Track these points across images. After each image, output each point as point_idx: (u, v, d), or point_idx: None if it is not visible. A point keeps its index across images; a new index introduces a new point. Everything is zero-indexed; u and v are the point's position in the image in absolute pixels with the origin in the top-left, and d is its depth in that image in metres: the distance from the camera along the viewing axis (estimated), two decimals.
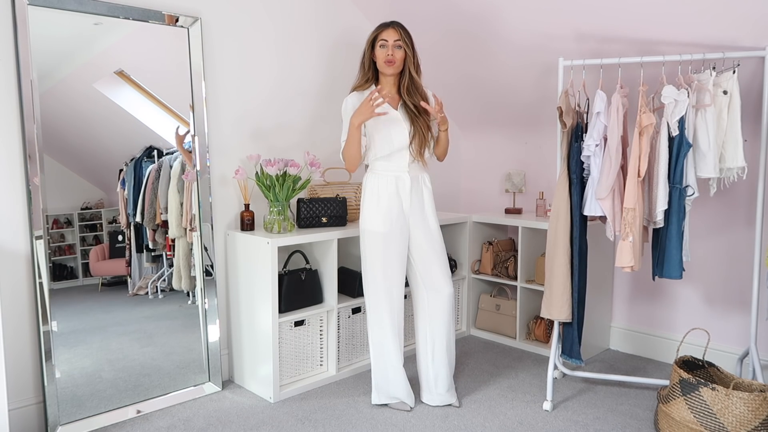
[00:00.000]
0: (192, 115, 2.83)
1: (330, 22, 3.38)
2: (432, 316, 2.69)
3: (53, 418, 2.45)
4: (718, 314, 3.10)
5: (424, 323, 2.71)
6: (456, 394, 2.78)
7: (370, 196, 2.64)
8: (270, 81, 3.15)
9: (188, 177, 2.82)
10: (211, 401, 2.81)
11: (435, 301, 2.68)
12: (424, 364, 2.73)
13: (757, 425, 2.22)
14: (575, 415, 2.66)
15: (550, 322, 3.41)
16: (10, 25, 2.33)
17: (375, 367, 2.72)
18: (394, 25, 2.60)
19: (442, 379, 2.71)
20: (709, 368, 2.52)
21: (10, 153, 2.37)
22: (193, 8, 2.82)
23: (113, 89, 2.67)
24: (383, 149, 2.62)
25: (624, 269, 2.53)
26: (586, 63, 2.72)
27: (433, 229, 2.68)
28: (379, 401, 2.73)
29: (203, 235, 2.88)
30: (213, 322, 2.93)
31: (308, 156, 2.92)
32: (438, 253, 2.68)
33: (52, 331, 2.45)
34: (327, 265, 3.01)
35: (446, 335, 2.69)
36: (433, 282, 2.67)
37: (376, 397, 2.74)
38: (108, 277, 2.75)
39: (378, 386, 2.72)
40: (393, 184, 2.62)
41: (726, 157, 2.51)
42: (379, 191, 2.62)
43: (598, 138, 2.59)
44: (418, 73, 2.65)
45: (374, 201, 2.62)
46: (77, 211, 2.65)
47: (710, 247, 3.08)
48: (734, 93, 2.47)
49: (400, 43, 2.57)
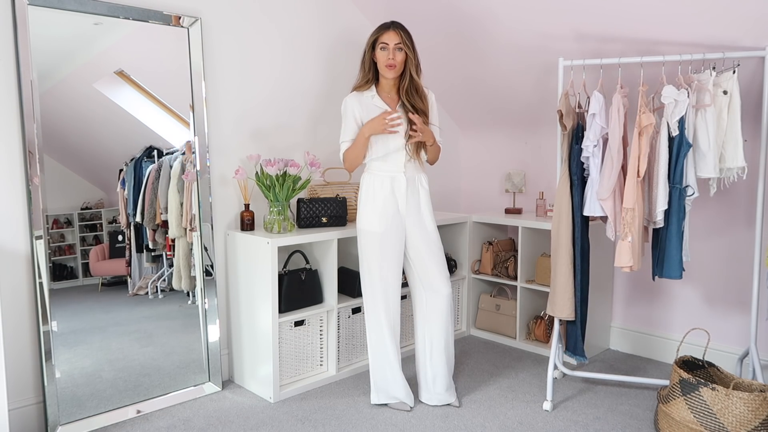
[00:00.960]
0: (192, 115, 2.83)
1: (330, 21, 3.38)
2: (430, 316, 2.69)
3: (53, 418, 2.45)
4: (718, 314, 3.10)
5: (422, 323, 2.71)
6: (456, 393, 2.78)
7: (366, 196, 2.65)
8: (270, 81, 3.15)
9: (188, 177, 2.82)
10: (211, 401, 2.81)
11: (433, 301, 2.68)
12: (422, 364, 2.74)
13: (757, 425, 2.22)
14: (575, 415, 2.66)
15: (550, 322, 3.41)
16: (10, 25, 2.33)
17: (373, 367, 2.73)
18: (394, 28, 2.58)
19: (440, 379, 2.72)
20: (709, 368, 2.52)
21: (10, 153, 2.37)
22: (193, 8, 2.82)
23: (113, 89, 2.67)
24: (379, 150, 2.62)
25: (623, 269, 2.53)
26: (586, 63, 2.72)
27: (430, 229, 2.68)
28: (379, 401, 2.73)
29: (203, 235, 2.88)
30: (213, 322, 2.93)
31: (308, 156, 2.93)
32: (435, 254, 2.68)
33: (52, 331, 2.45)
34: (327, 265, 3.01)
35: (444, 335, 2.69)
36: (431, 282, 2.67)
37: (375, 396, 2.74)
38: (108, 277, 2.75)
39: (377, 386, 2.73)
40: (388, 185, 2.62)
41: (726, 157, 2.51)
42: (375, 191, 2.63)
43: (595, 139, 2.59)
44: (418, 74, 2.65)
45: (370, 201, 2.63)
46: (77, 211, 2.65)
47: (710, 247, 3.08)
48: (734, 93, 2.47)
49: (401, 46, 2.56)
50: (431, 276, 2.67)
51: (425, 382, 2.74)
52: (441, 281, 2.67)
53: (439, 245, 2.70)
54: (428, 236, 2.67)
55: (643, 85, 2.52)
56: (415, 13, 3.26)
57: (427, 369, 2.73)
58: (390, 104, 2.64)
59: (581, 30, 2.93)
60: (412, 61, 2.60)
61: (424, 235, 2.66)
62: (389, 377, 2.70)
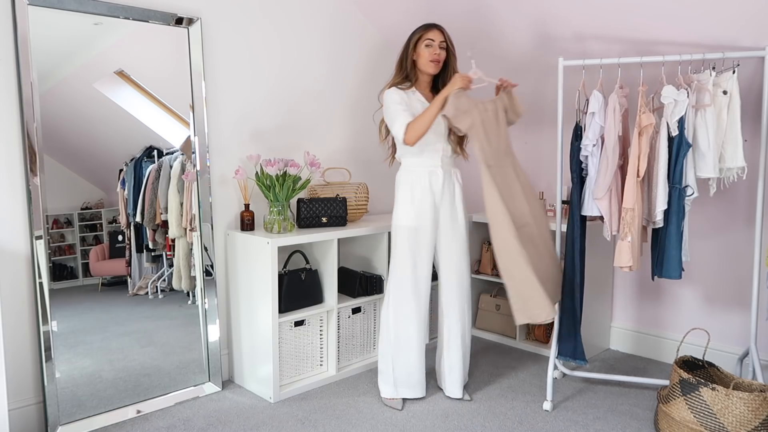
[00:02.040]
0: (192, 115, 2.83)
1: (330, 21, 3.38)
2: (449, 307, 2.76)
3: (53, 418, 2.45)
4: (718, 314, 3.10)
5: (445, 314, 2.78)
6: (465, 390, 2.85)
7: (404, 192, 2.69)
8: (270, 81, 3.15)
9: (188, 177, 2.82)
10: (211, 401, 2.81)
11: (451, 293, 2.75)
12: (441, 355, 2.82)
13: (757, 425, 2.22)
14: (575, 415, 2.66)
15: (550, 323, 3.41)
16: (10, 25, 2.33)
17: (395, 361, 2.73)
18: (439, 27, 2.68)
19: (456, 372, 2.78)
20: (709, 368, 2.52)
21: (10, 153, 2.37)
22: (193, 8, 2.82)
23: (113, 89, 2.67)
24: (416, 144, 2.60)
25: (623, 269, 2.53)
26: (586, 63, 2.72)
27: (461, 223, 2.75)
28: (390, 395, 2.75)
29: (203, 235, 2.88)
30: (213, 322, 2.93)
31: (308, 156, 2.93)
32: (461, 246, 2.74)
33: (52, 331, 2.45)
34: (327, 265, 3.01)
35: (461, 328, 2.76)
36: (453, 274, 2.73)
37: (387, 391, 2.76)
38: (108, 277, 2.75)
39: (391, 380, 2.74)
40: (426, 180, 2.67)
41: (726, 157, 2.51)
42: (413, 187, 2.67)
43: (594, 138, 2.59)
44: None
45: (408, 197, 2.68)
46: (77, 211, 2.65)
47: (710, 247, 3.08)
48: (734, 93, 2.47)
49: (444, 44, 2.66)
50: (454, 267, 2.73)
51: (450, 374, 2.79)
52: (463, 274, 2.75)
53: (465, 238, 2.77)
54: (458, 230, 2.74)
55: (642, 85, 2.52)
56: (416, 12, 3.26)
57: (444, 360, 2.80)
58: (428, 101, 2.68)
59: (581, 30, 2.93)
60: (454, 57, 2.71)
61: (455, 227, 2.73)
62: (410, 369, 2.73)
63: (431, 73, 2.68)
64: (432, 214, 2.68)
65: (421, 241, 2.68)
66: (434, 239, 2.72)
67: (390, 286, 2.74)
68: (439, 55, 2.65)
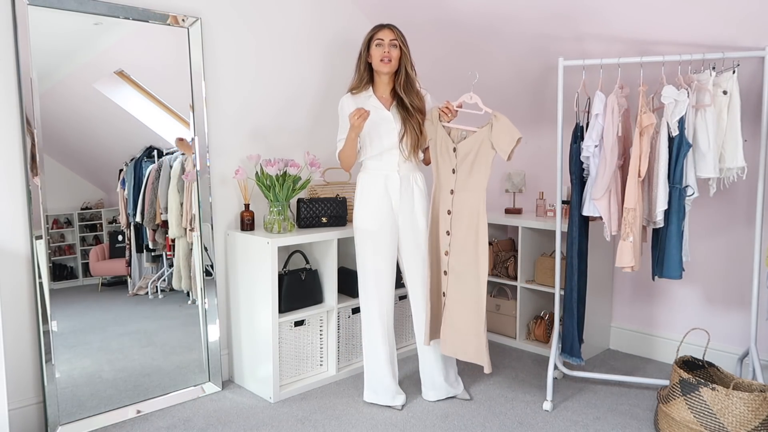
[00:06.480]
0: (192, 115, 2.83)
1: (330, 21, 3.38)
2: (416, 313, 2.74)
3: (53, 418, 2.45)
4: (718, 314, 3.10)
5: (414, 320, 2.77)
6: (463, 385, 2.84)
7: (361, 194, 2.68)
8: (270, 81, 3.15)
9: (188, 177, 2.82)
10: (211, 401, 2.81)
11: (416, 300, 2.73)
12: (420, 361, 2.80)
13: (757, 425, 2.22)
14: (575, 415, 2.66)
15: (550, 323, 3.41)
16: (10, 25, 2.33)
17: (366, 366, 2.76)
18: (389, 26, 2.64)
19: (437, 372, 2.76)
20: (709, 368, 2.52)
21: (10, 153, 2.37)
22: (193, 8, 2.82)
23: (113, 89, 2.67)
24: (374, 148, 2.65)
25: (624, 269, 2.53)
26: (586, 63, 2.71)
27: (422, 228, 2.69)
28: (369, 399, 2.76)
29: (203, 235, 2.88)
30: (213, 322, 2.93)
31: (308, 156, 2.93)
32: (422, 253, 2.68)
33: (52, 331, 2.45)
34: (327, 265, 3.01)
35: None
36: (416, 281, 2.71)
37: (366, 395, 2.77)
38: (108, 277, 2.75)
39: (369, 384, 2.75)
40: (382, 183, 2.64)
41: (726, 157, 2.51)
42: (369, 190, 2.66)
43: (597, 139, 2.59)
44: (413, 71, 2.67)
45: (364, 199, 2.67)
46: (77, 211, 2.65)
47: (710, 247, 3.08)
48: (734, 93, 2.47)
49: (396, 42, 2.61)
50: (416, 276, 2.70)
51: (424, 378, 2.79)
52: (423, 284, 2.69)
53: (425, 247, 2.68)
54: (419, 235, 2.68)
55: (643, 85, 2.52)
56: (415, 12, 3.26)
57: (424, 365, 2.78)
58: (385, 105, 2.65)
59: (581, 30, 2.93)
60: (406, 56, 2.64)
61: (415, 233, 2.68)
62: (379, 375, 2.72)
63: (384, 72, 2.62)
64: (390, 218, 2.65)
65: (379, 246, 2.65)
66: (395, 244, 2.69)
67: (359, 292, 2.75)
68: (389, 54, 2.58)
